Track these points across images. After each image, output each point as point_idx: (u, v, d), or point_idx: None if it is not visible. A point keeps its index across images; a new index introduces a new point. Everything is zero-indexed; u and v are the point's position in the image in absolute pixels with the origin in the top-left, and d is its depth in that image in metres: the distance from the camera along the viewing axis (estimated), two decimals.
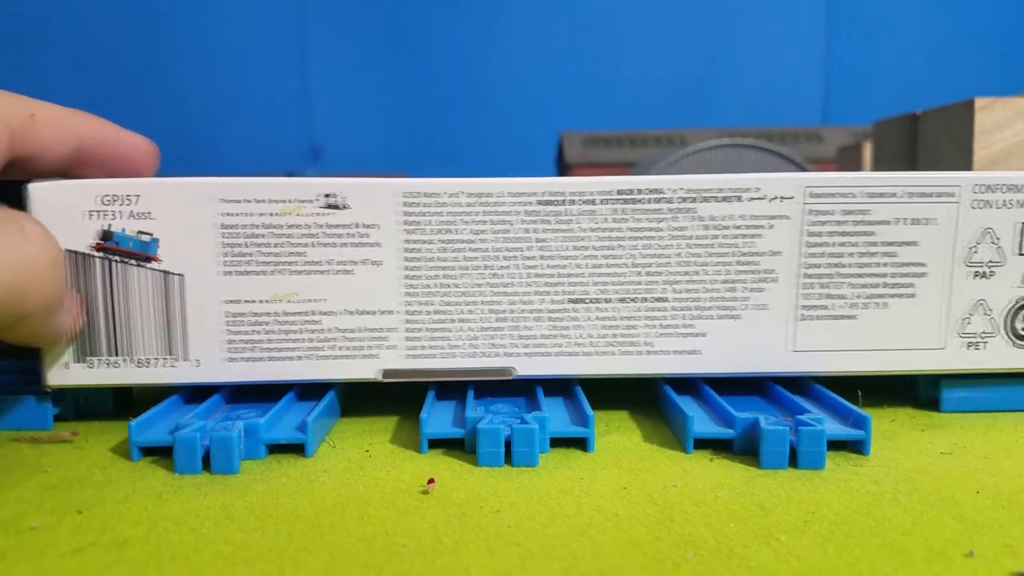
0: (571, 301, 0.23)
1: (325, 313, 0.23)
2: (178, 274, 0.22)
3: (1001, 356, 0.23)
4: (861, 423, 0.21)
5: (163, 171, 0.26)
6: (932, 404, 0.25)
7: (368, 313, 0.23)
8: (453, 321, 0.23)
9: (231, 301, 0.22)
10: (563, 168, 0.99)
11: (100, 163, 0.24)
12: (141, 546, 0.16)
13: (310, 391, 0.25)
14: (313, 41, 1.12)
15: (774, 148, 0.65)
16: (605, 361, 0.23)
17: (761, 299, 0.23)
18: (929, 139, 0.39)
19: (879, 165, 0.46)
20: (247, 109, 1.12)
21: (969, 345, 0.23)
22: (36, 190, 0.22)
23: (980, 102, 0.34)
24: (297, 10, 1.11)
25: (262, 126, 1.12)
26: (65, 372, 0.23)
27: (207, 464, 0.20)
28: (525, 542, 0.16)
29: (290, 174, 0.85)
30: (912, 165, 0.41)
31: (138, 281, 0.22)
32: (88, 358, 0.23)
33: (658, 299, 0.23)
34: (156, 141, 0.25)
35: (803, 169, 0.65)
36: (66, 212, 0.22)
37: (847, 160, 0.58)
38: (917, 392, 0.26)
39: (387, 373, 0.23)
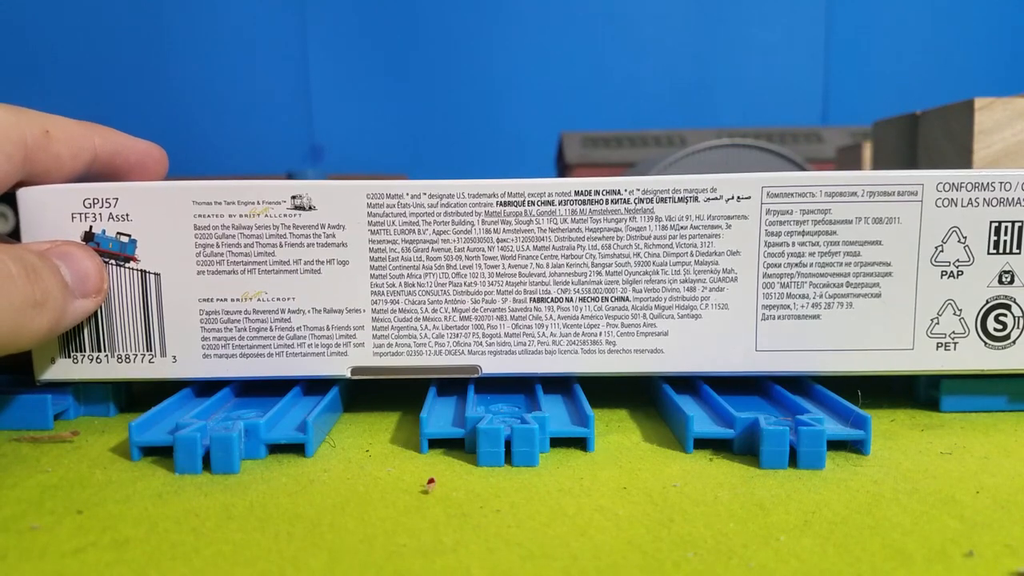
0: (533, 300, 0.23)
1: (294, 311, 0.23)
2: (155, 273, 0.23)
3: (974, 357, 0.23)
4: (861, 423, 0.21)
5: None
6: (932, 404, 0.25)
7: (336, 311, 0.23)
8: (419, 320, 0.23)
9: (205, 299, 0.23)
10: (563, 168, 0.99)
11: (114, 173, 0.24)
12: (141, 546, 0.16)
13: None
14: (313, 41, 1.12)
15: (773, 148, 0.65)
16: (568, 360, 0.23)
17: (721, 299, 0.23)
18: (929, 139, 0.39)
19: (879, 165, 0.46)
20: (247, 109, 1.12)
21: (939, 346, 0.23)
22: (25, 194, 0.22)
23: (980, 102, 0.34)
24: (297, 10, 1.11)
25: (262, 126, 1.12)
26: (52, 367, 0.23)
27: (207, 464, 0.20)
28: (525, 542, 0.16)
29: (290, 175, 0.85)
30: (912, 165, 0.41)
31: (118, 280, 0.23)
32: (73, 353, 0.23)
33: (619, 298, 0.23)
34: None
35: (803, 169, 0.65)
36: (54, 215, 0.23)
37: (847, 160, 0.58)
38: (917, 392, 0.26)
39: (356, 370, 0.23)
